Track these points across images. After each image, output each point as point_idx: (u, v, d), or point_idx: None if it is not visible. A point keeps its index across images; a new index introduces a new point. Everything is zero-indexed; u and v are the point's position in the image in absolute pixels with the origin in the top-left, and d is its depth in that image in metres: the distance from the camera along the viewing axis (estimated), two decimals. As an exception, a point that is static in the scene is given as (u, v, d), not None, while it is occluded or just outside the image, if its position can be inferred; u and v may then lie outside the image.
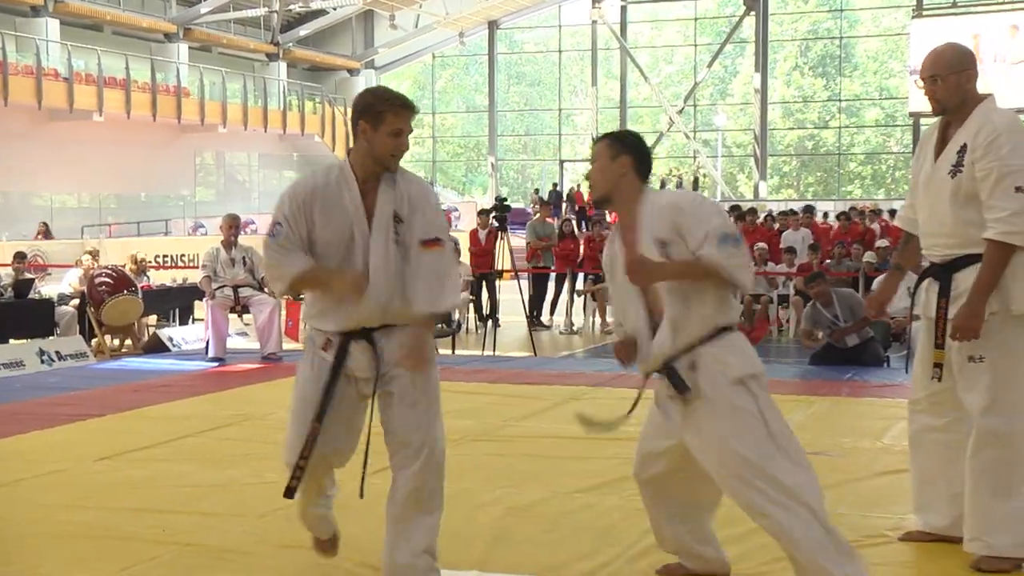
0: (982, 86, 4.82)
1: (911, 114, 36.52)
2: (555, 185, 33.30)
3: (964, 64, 4.74)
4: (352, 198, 4.45)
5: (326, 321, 4.52)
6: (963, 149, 4.55)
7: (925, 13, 35.60)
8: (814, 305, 12.30)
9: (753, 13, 37.04)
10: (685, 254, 4.14)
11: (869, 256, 14.31)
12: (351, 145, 4.57)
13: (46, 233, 14.09)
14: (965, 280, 4.62)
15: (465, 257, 17.48)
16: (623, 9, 39.30)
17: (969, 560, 4.63)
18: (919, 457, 5.01)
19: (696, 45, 39.83)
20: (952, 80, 4.68)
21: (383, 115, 4.43)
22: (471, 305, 17.03)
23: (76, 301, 14.25)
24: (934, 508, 4.94)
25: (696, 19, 39.85)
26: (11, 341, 12.85)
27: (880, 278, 11.71)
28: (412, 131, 4.59)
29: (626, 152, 4.49)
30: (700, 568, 4.77)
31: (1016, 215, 4.39)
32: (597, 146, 4.64)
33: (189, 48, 34.88)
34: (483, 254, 17.29)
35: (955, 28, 34.97)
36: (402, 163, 4.67)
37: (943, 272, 4.72)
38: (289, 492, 4.66)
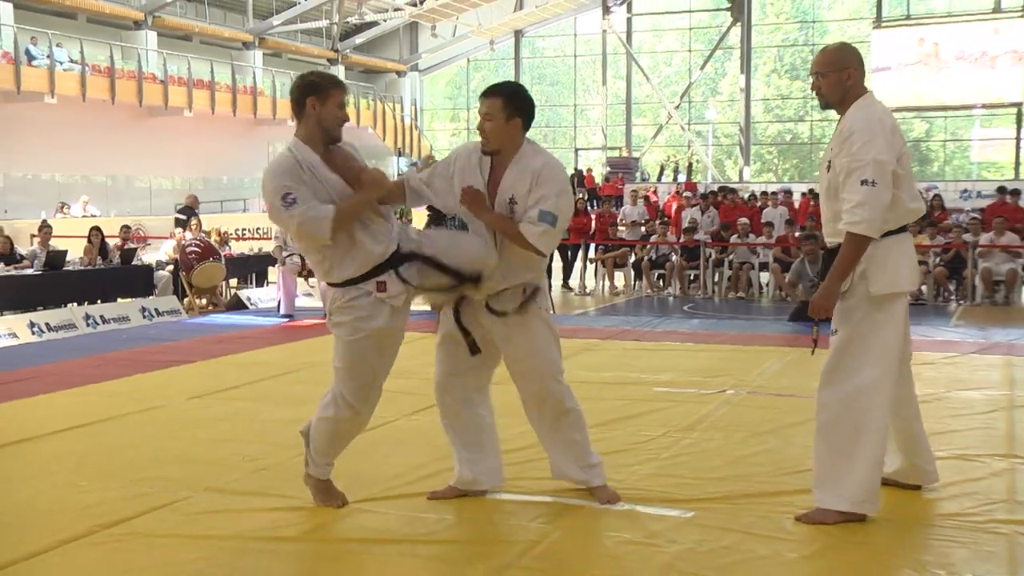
0: (937, 85, 4.61)
1: (873, 109, 36.24)
2: (577, 170, 33.09)
3: (845, 63, 4.51)
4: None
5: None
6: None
7: (883, 24, 35.31)
8: (802, 261, 12.34)
9: (739, 24, 36.89)
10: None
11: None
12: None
13: (61, 209, 14.14)
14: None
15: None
16: (629, 20, 39.16)
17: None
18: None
19: (691, 51, 39.59)
20: (833, 77, 4.50)
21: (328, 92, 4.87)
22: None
23: (171, 267, 14.39)
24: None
25: (691, 29, 39.61)
26: (118, 300, 12.98)
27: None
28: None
29: (519, 114, 4.62)
30: None
31: (858, 206, 4.25)
32: (491, 101, 4.63)
33: (263, 55, 34.87)
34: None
35: (908, 36, 34.73)
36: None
37: (828, 258, 4.60)
38: None
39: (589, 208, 21.07)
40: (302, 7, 34.12)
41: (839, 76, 4.48)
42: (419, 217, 15.88)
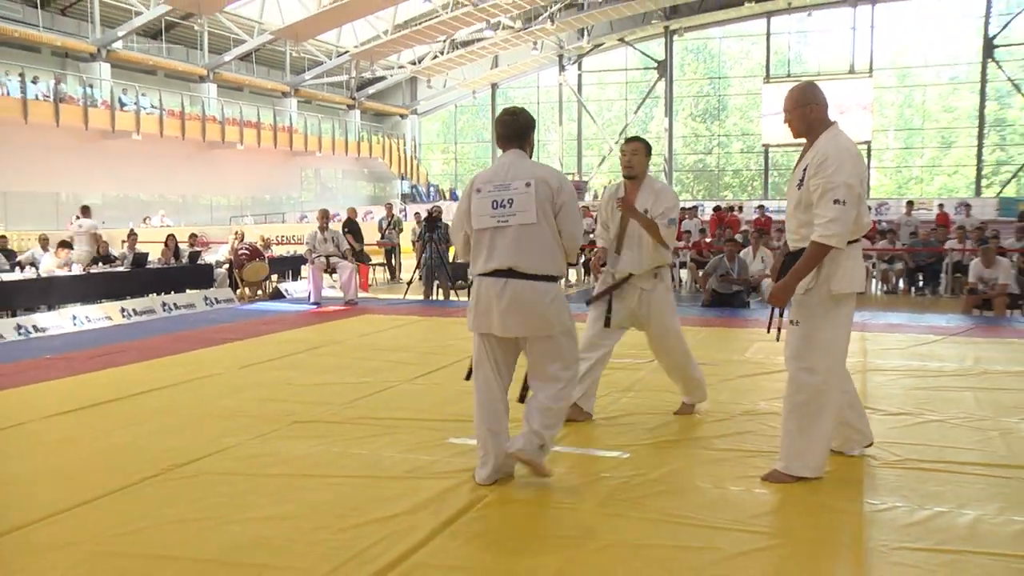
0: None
1: (763, 145, 36.45)
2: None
3: (806, 100, 4.26)
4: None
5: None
6: (806, 168, 4.17)
7: (771, 80, 35.50)
8: (721, 258, 12.36)
9: (663, 79, 36.98)
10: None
11: (737, 236, 14.34)
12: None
13: (84, 211, 14.29)
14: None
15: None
16: (579, 76, 39.22)
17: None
18: None
19: (627, 99, 39.62)
20: (798, 113, 4.27)
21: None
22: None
23: (227, 265, 14.32)
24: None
25: (627, 83, 39.64)
26: (187, 291, 12.93)
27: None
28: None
29: (648, 153, 5.41)
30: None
31: (831, 222, 4.04)
32: (636, 145, 5.37)
33: (297, 101, 34.77)
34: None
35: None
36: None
37: (790, 259, 4.33)
38: None
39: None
40: (327, 65, 34.06)
41: (803, 111, 4.26)
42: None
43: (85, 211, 14.82)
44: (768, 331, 4.55)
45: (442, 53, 34.64)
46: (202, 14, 27.38)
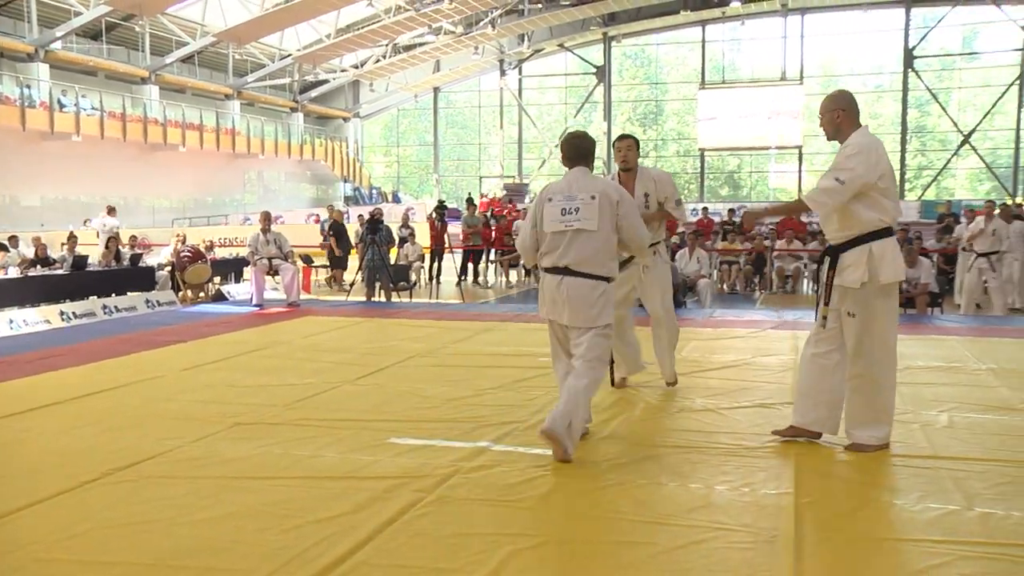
0: (744, 132, 4.99)
1: (699, 149, 36.92)
2: (469, 196, 33.04)
3: (833, 106, 4.64)
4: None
5: None
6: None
7: (706, 86, 35.98)
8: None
9: (602, 84, 37.25)
10: (656, 201, 5.53)
11: (674, 238, 14.48)
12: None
13: (84, 223, 15.07)
14: (847, 258, 4.57)
15: (423, 240, 17.42)
16: (520, 80, 39.32)
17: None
18: (802, 374, 4.85)
19: (566, 103, 39.82)
20: (827, 116, 4.67)
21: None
22: (422, 269, 17.02)
23: (169, 267, 14.10)
24: (804, 410, 4.81)
25: (566, 87, 39.83)
26: (128, 293, 12.70)
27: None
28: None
29: (638, 147, 6.11)
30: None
31: (824, 191, 4.46)
32: (629, 142, 6.00)
33: (240, 104, 34.33)
34: (436, 237, 17.29)
35: (724, 95, 35.45)
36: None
37: (832, 252, 4.66)
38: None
39: (491, 223, 21.05)
40: (270, 68, 33.70)
41: (831, 115, 4.64)
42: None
43: (111, 211, 15.55)
44: (815, 319, 4.81)
45: (384, 57, 34.45)
46: (143, 15, 26.87)
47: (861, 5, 33.56)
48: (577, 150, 4.83)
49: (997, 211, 12.45)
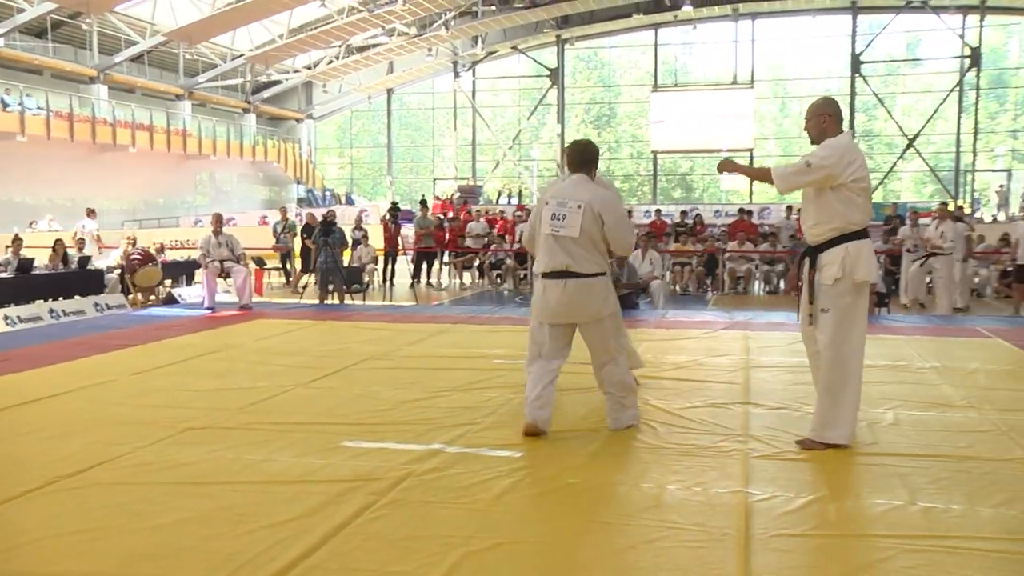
0: (697, 134, 5.13)
1: (652, 151, 37.19)
2: (423, 198, 32.99)
3: (821, 111, 4.89)
4: None
5: None
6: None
7: (659, 89, 36.26)
8: (612, 262, 12.61)
9: (555, 86, 37.37)
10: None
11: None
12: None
13: (30, 225, 15.21)
14: (825, 257, 4.77)
15: (376, 242, 17.33)
16: (473, 82, 39.27)
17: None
18: (815, 371, 5.05)
19: (520, 106, 39.90)
20: (814, 121, 4.90)
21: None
22: (376, 271, 16.93)
23: (118, 270, 13.88)
24: None
25: (520, 89, 39.92)
26: (76, 297, 12.47)
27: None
28: None
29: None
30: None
31: (793, 173, 4.74)
32: (588, 153, 5.37)
33: (191, 104, 33.89)
34: (390, 239, 17.21)
35: (676, 98, 35.76)
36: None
37: (812, 252, 4.85)
38: None
39: (444, 224, 21.03)
40: (222, 68, 33.29)
41: (818, 120, 4.88)
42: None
43: (90, 214, 15.66)
44: (798, 318, 5.01)
45: (338, 58, 34.22)
46: (90, 13, 26.37)
47: (810, 11, 34.09)
48: (581, 156, 5.17)
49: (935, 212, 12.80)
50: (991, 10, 32.93)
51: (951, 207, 17.41)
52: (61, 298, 12.22)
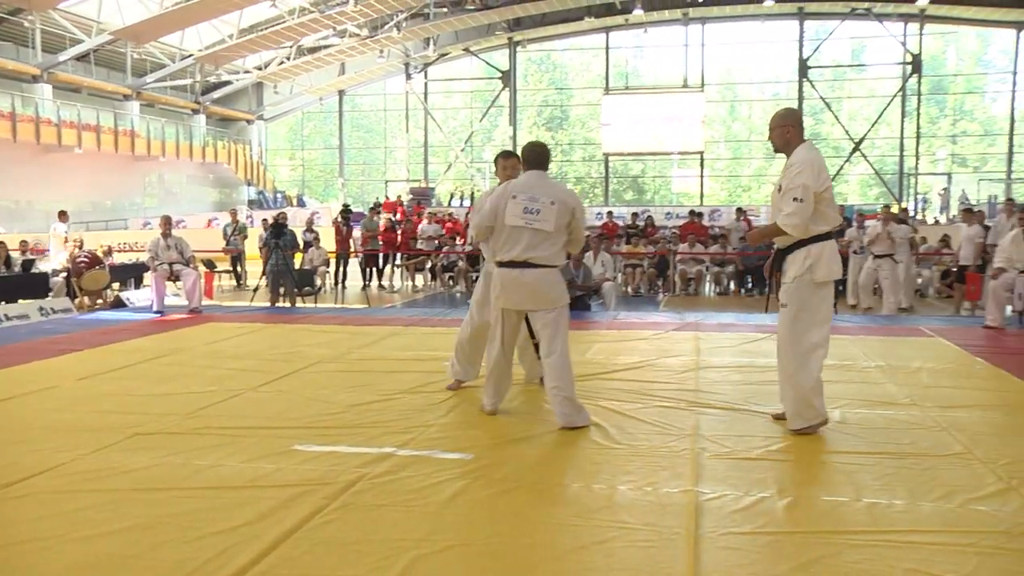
0: (648, 137, 5.32)
1: (604, 154, 37.40)
2: (376, 200, 32.86)
3: (784, 122, 5.13)
4: None
5: None
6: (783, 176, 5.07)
7: (610, 92, 36.46)
8: (567, 264, 12.61)
9: (507, 89, 37.41)
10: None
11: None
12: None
13: (61, 215, 15.66)
14: (789, 259, 5.11)
15: (328, 244, 17.20)
16: (426, 84, 39.19)
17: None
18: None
19: (472, 108, 39.91)
20: (778, 131, 5.13)
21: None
22: (328, 273, 16.81)
23: (64, 273, 13.62)
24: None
25: (472, 91, 39.94)
26: (20, 301, 12.21)
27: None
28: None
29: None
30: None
31: (790, 215, 4.92)
32: (514, 160, 6.02)
33: (140, 105, 33.36)
34: (342, 242, 17.11)
35: (628, 101, 35.98)
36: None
37: (779, 255, 5.18)
38: None
39: (396, 226, 20.95)
40: (171, 68, 32.83)
41: (782, 130, 5.12)
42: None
43: (62, 216, 15.76)
44: (766, 311, 5.29)
45: (288, 59, 33.92)
46: (33, 10, 25.84)
47: (758, 16, 34.57)
48: (537, 156, 5.49)
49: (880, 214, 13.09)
50: (930, 19, 33.69)
51: (894, 209, 17.75)
52: (4, 302, 11.96)
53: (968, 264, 12.90)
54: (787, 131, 5.11)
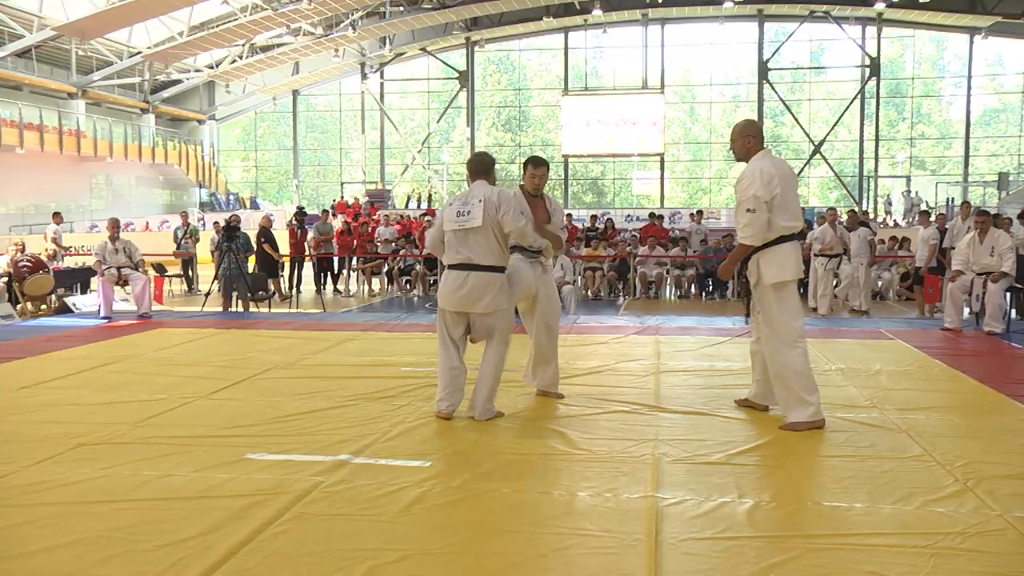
0: (607, 139, 5.53)
1: (563, 155, 37.53)
2: (334, 202, 32.66)
3: (746, 133, 5.39)
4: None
5: None
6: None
7: (569, 93, 36.63)
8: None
9: (465, 89, 37.41)
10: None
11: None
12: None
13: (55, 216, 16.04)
14: (749, 264, 5.40)
15: (282, 247, 17.04)
16: (381, 84, 39.09)
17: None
18: (753, 362, 5.79)
19: (429, 109, 39.88)
20: (740, 142, 5.41)
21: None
22: (282, 277, 16.64)
23: (5, 279, 13.33)
24: (752, 387, 5.84)
25: (429, 92, 39.89)
26: (-42, 307, 11.91)
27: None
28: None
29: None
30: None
31: (746, 227, 5.21)
32: (545, 170, 6.25)
33: (86, 103, 32.83)
34: (296, 245, 16.96)
35: (587, 103, 36.17)
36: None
37: (744, 260, 5.44)
38: None
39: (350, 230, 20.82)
40: (118, 66, 32.36)
41: (744, 141, 5.38)
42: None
43: (55, 217, 16.01)
44: (746, 318, 5.65)
45: (241, 57, 33.62)
46: (-29, 6, 25.37)
47: (718, 18, 34.94)
48: (479, 165, 5.72)
49: (845, 217, 13.24)
50: (888, 22, 34.32)
51: (842, 213, 18.03)
52: (-59, 308, 11.70)
53: (922, 266, 13.17)
54: (748, 141, 5.36)
